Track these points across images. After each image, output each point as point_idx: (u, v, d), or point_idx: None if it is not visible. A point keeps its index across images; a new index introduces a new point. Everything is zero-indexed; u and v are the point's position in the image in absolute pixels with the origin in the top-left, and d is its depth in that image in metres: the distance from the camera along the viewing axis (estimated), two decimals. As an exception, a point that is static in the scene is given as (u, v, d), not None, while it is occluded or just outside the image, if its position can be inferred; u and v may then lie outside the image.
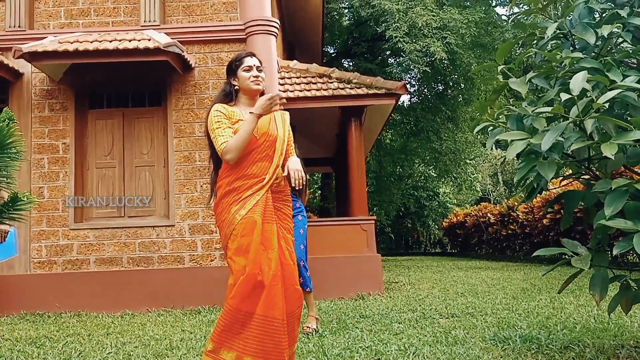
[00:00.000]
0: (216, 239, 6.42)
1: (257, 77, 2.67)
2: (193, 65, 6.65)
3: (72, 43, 6.00)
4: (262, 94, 2.72)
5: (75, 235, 6.42)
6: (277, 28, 6.68)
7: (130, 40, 6.01)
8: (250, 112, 2.52)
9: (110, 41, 6.03)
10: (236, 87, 2.71)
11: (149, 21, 6.63)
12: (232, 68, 2.72)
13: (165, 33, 6.44)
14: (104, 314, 5.99)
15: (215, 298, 6.08)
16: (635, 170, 2.61)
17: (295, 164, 2.61)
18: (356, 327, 4.29)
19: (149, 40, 6.02)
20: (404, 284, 8.13)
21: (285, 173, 2.60)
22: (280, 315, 2.39)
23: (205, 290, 6.19)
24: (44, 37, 6.36)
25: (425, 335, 3.81)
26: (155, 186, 6.68)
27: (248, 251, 2.45)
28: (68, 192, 6.47)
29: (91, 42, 6.00)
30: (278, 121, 2.71)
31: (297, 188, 2.56)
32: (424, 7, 12.05)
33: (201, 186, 6.52)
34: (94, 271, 6.35)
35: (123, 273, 6.34)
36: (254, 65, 2.69)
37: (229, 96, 2.72)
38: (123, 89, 6.85)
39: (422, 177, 24.29)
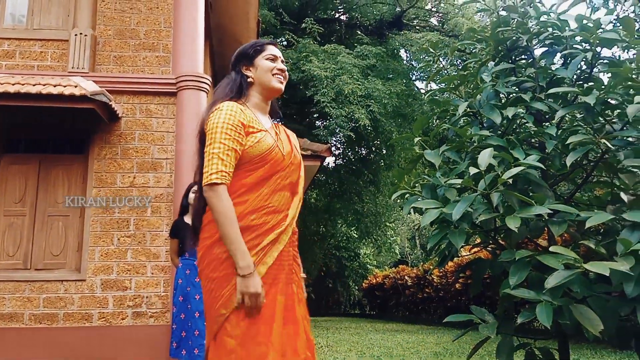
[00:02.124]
0: (130, 295, 6.12)
1: (282, 71, 2.02)
2: (120, 115, 6.54)
3: (-10, 84, 5.76)
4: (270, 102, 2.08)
5: (-29, 287, 5.92)
6: (208, 84, 6.76)
7: (55, 86, 5.85)
8: (239, 274, 1.70)
9: (34, 85, 5.84)
10: (250, 80, 2.00)
11: (77, 68, 6.51)
12: (249, 54, 2.00)
13: (93, 81, 6.33)
14: (-3, 375, 5.48)
15: None
16: (538, 242, 2.81)
17: None
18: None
19: (76, 87, 5.89)
20: (322, 346, 8.06)
21: None
22: None
23: (113, 352, 5.84)
24: (-40, 76, 6.07)
25: (341, 399, 3.78)
26: (68, 237, 6.35)
27: (270, 329, 1.71)
28: (-32, 240, 6.01)
29: (12, 85, 5.79)
30: (293, 142, 2.04)
31: None
32: (350, 76, 12.63)
33: (118, 239, 6.27)
34: (-11, 327, 5.84)
35: (23, 330, 5.87)
36: (279, 57, 2.03)
37: (239, 91, 1.97)
38: (43, 134, 6.59)
39: (344, 238, 24.58)
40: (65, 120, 6.34)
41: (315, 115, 16.94)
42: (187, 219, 4.75)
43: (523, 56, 3.10)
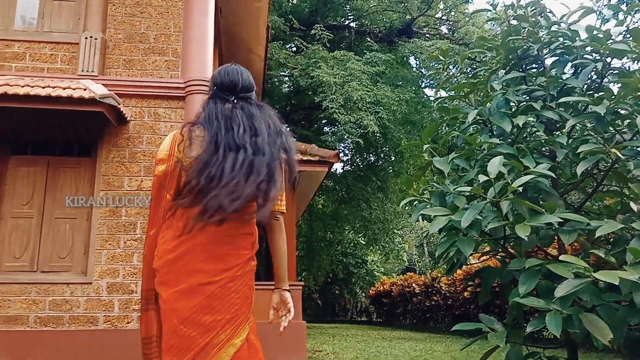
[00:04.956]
0: (136, 299, 6.11)
1: None
2: (128, 119, 6.56)
3: (1, 86, 5.79)
4: None
5: (-22, 289, 5.93)
6: (216, 89, 6.75)
7: (64, 88, 5.88)
8: (287, 289, 2.22)
9: (43, 87, 5.87)
10: None
11: (87, 71, 6.54)
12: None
13: (102, 84, 6.36)
14: (2, 377, 5.48)
15: (128, 362, 5.73)
16: (548, 251, 2.78)
17: None
18: (276, 398, 4.16)
19: (85, 89, 5.92)
20: (328, 353, 8.01)
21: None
22: None
23: (119, 356, 5.82)
24: (-29, 78, 6.11)
25: (346, 408, 3.74)
26: (75, 240, 6.36)
27: None
28: (-23, 241, 6.03)
29: (22, 87, 5.82)
30: None
31: None
32: (359, 83, 12.62)
33: (125, 242, 6.27)
34: (-5, 329, 5.85)
35: (28, 333, 5.87)
36: None
37: None
38: (51, 136, 6.62)
39: (352, 244, 24.52)
40: (74, 122, 6.37)
41: (323, 121, 16.95)
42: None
43: (534, 65, 3.08)
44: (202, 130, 2.02)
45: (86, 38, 6.63)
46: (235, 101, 2.10)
